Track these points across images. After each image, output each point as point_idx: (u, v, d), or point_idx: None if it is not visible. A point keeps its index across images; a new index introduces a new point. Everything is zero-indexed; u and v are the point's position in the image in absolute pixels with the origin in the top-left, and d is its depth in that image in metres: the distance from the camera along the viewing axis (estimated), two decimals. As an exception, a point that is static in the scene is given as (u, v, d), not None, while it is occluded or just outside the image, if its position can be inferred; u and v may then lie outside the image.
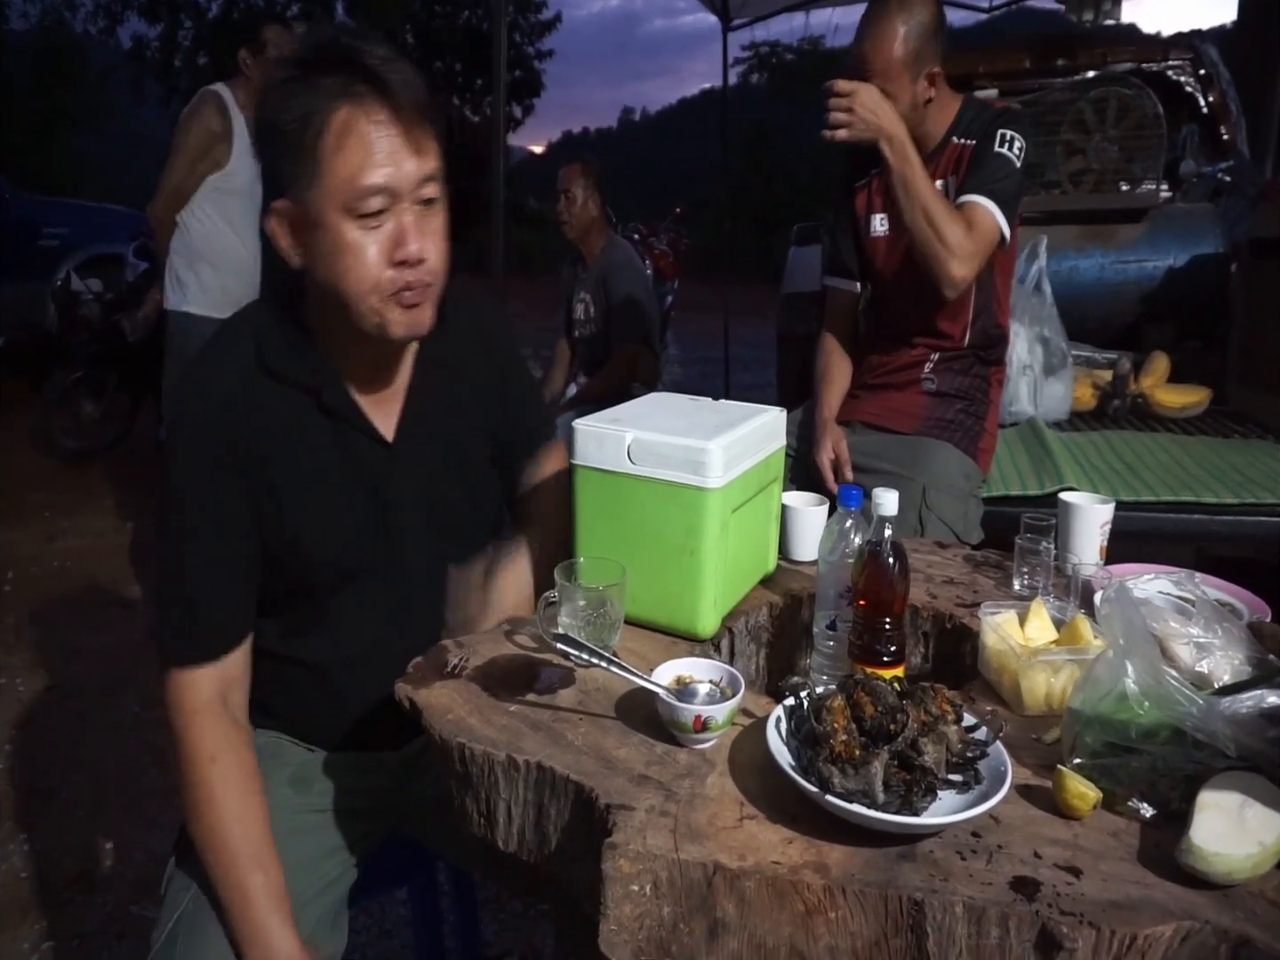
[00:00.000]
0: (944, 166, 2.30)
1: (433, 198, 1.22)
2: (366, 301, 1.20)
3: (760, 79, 24.74)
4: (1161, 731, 0.98)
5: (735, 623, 1.42)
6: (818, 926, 0.86)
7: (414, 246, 1.19)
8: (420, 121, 1.18)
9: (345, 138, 1.14)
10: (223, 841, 1.20)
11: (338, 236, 1.17)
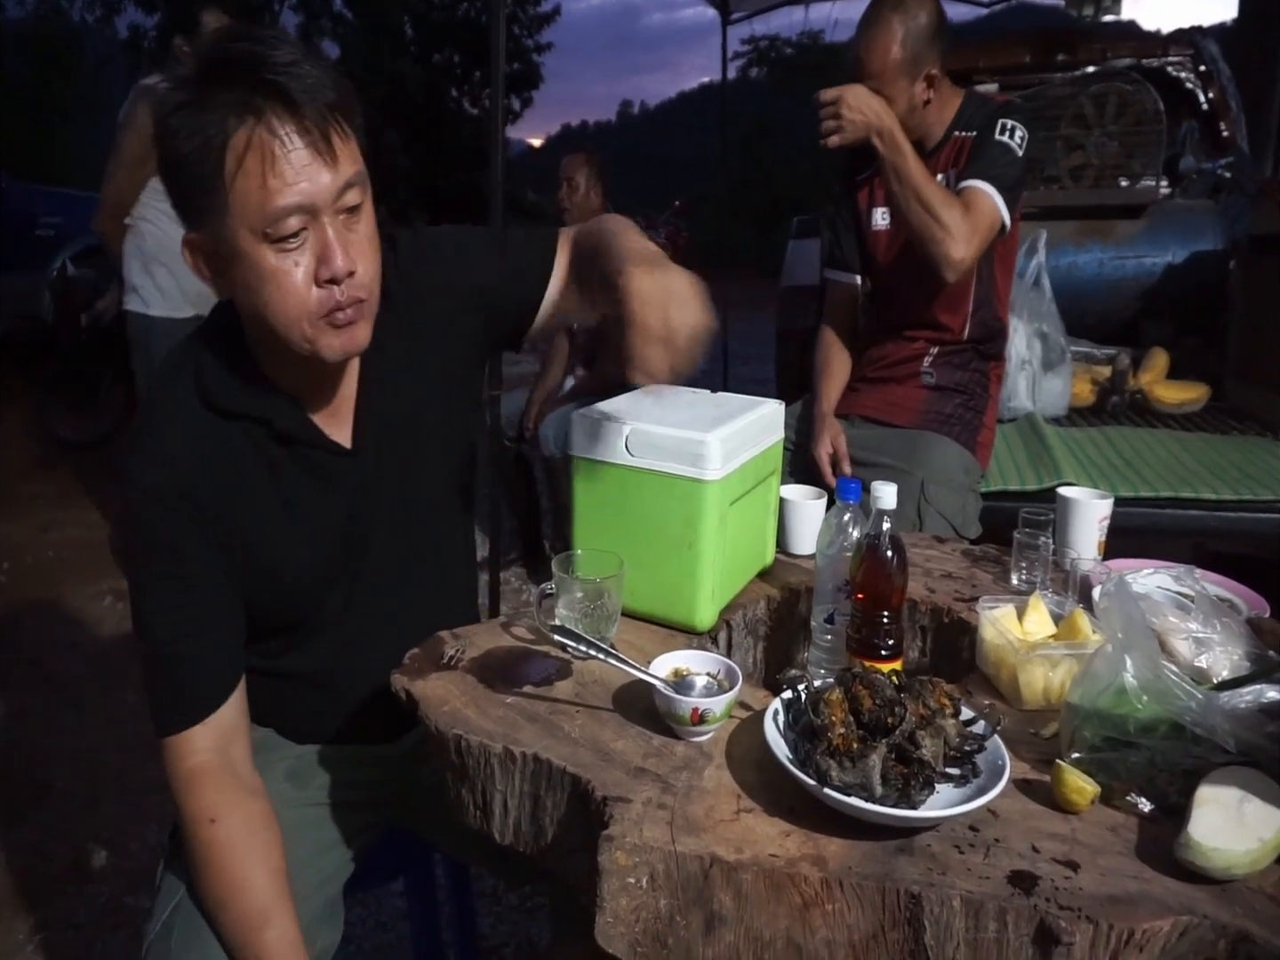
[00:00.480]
0: (945, 160, 2.30)
1: (356, 204, 1.12)
2: (297, 329, 1.12)
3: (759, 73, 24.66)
4: (1160, 726, 0.97)
5: (733, 616, 1.41)
6: (815, 919, 0.86)
7: (340, 262, 1.09)
8: (333, 126, 1.07)
9: (250, 159, 1.04)
10: (227, 903, 1.17)
11: (256, 265, 1.08)
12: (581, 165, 3.97)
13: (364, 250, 1.14)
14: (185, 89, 1.06)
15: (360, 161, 1.12)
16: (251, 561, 1.24)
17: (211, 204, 1.07)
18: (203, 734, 1.21)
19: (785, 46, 23.20)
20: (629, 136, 78.39)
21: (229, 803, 1.19)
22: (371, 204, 1.16)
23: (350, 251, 1.11)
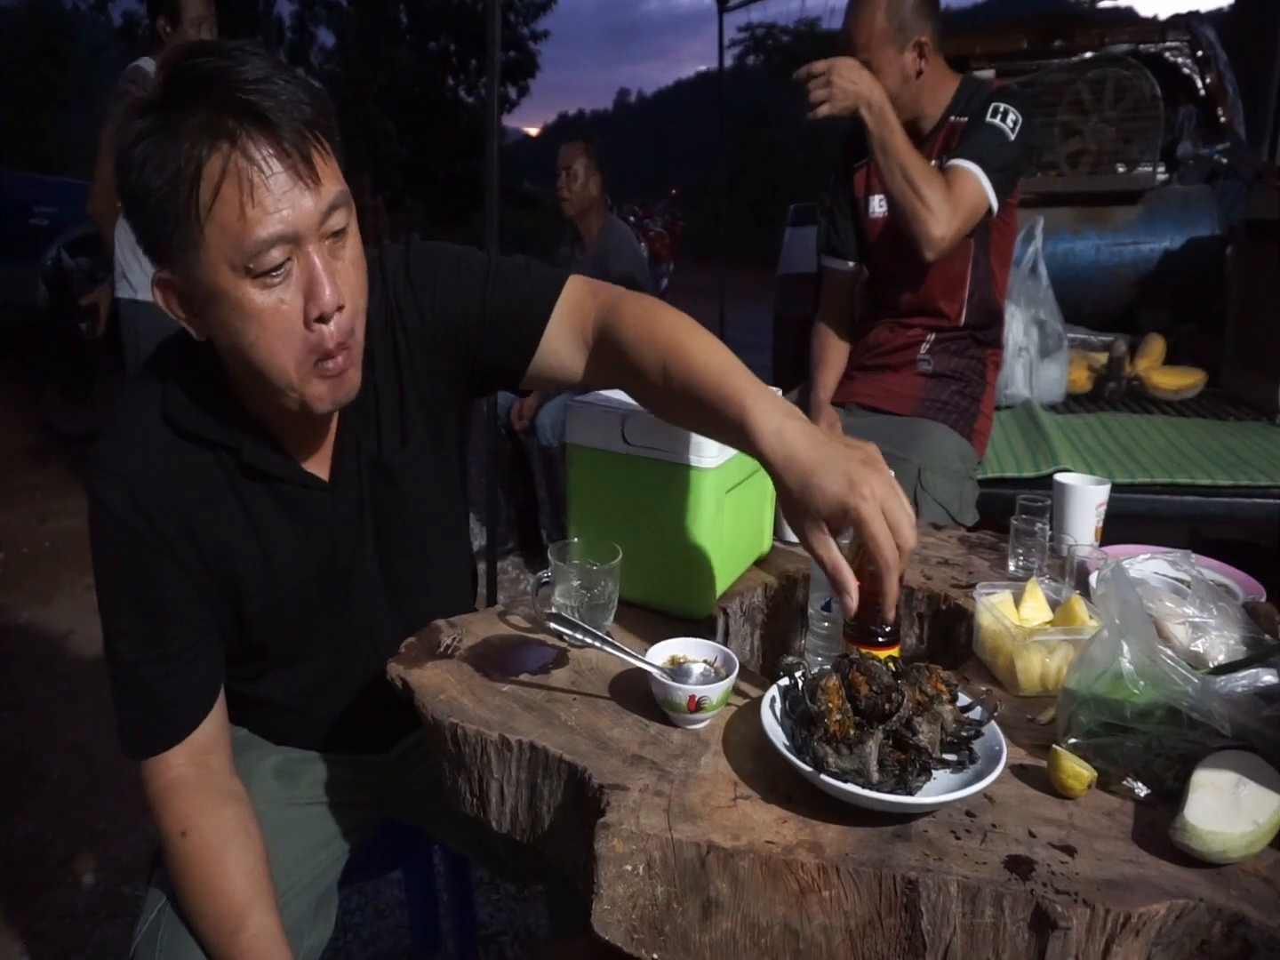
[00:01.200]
0: (940, 145, 2.29)
1: (341, 227, 1.04)
2: (285, 376, 1.03)
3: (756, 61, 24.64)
4: (1156, 711, 0.97)
5: (730, 603, 1.41)
6: (811, 906, 0.86)
7: (328, 296, 1.01)
8: (313, 145, 0.99)
9: (226, 188, 0.95)
10: (204, 911, 1.15)
11: (238, 304, 0.99)
12: (580, 154, 3.95)
13: (351, 278, 1.06)
14: (149, 115, 0.96)
15: (342, 180, 1.04)
16: (221, 592, 1.19)
17: (185, 240, 0.97)
18: (178, 753, 1.18)
19: (782, 34, 23.19)
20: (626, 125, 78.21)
21: (200, 813, 1.16)
22: (356, 224, 1.08)
23: (338, 281, 1.03)
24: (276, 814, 1.29)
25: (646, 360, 1.16)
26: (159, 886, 1.22)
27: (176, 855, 1.16)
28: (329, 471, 1.23)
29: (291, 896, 1.25)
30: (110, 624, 1.17)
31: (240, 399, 1.15)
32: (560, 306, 1.24)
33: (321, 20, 19.90)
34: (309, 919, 1.28)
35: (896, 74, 2.19)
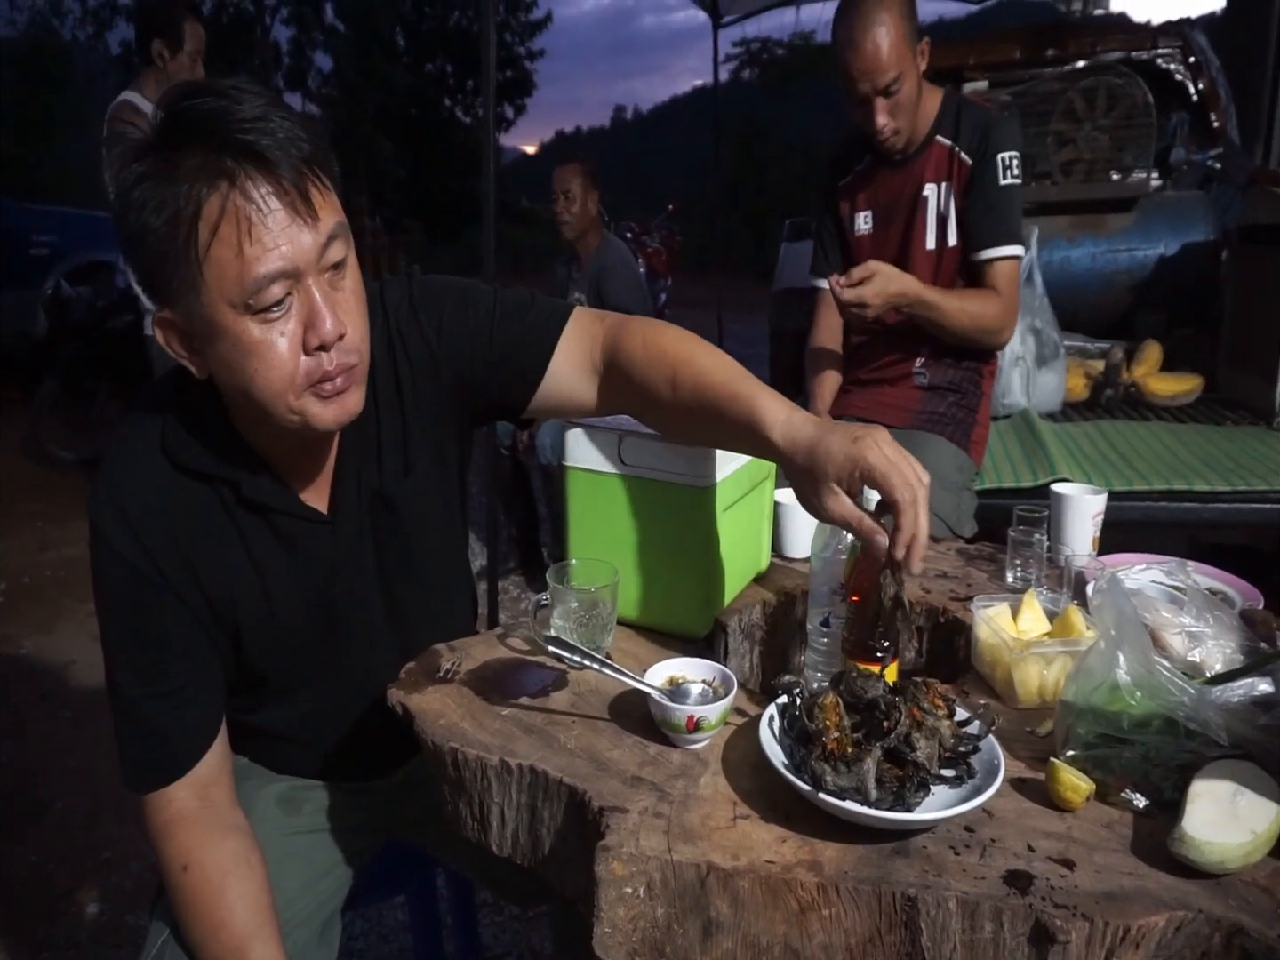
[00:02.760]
0: (933, 170, 2.29)
1: (340, 259, 1.04)
2: (282, 402, 1.03)
3: (752, 75, 24.73)
4: (1154, 721, 0.98)
5: (728, 621, 1.41)
6: (812, 924, 0.86)
7: (329, 327, 1.01)
8: (310, 181, 0.99)
9: (224, 227, 0.95)
10: (205, 945, 1.14)
11: (239, 340, 1.00)
12: (575, 175, 3.96)
13: (352, 308, 1.06)
14: (147, 157, 0.97)
15: (341, 213, 1.05)
16: (220, 625, 1.19)
17: (185, 280, 0.98)
18: (179, 787, 1.18)
19: (777, 48, 23.27)
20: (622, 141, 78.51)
21: (202, 846, 1.16)
22: (355, 254, 1.08)
23: (338, 312, 1.03)
24: (279, 842, 1.29)
25: (655, 374, 1.17)
26: (161, 919, 1.22)
27: (178, 890, 1.15)
28: (328, 504, 1.22)
29: (295, 925, 1.25)
30: (111, 657, 1.17)
31: (239, 432, 1.15)
32: (566, 336, 1.24)
33: (319, 45, 20.03)
34: (313, 946, 1.28)
35: (915, 80, 2.19)
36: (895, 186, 2.34)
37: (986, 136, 2.23)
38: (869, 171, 2.40)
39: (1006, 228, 2.25)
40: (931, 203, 2.30)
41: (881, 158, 2.35)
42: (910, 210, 2.32)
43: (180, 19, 3.36)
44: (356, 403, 1.09)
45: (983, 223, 2.25)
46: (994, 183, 2.23)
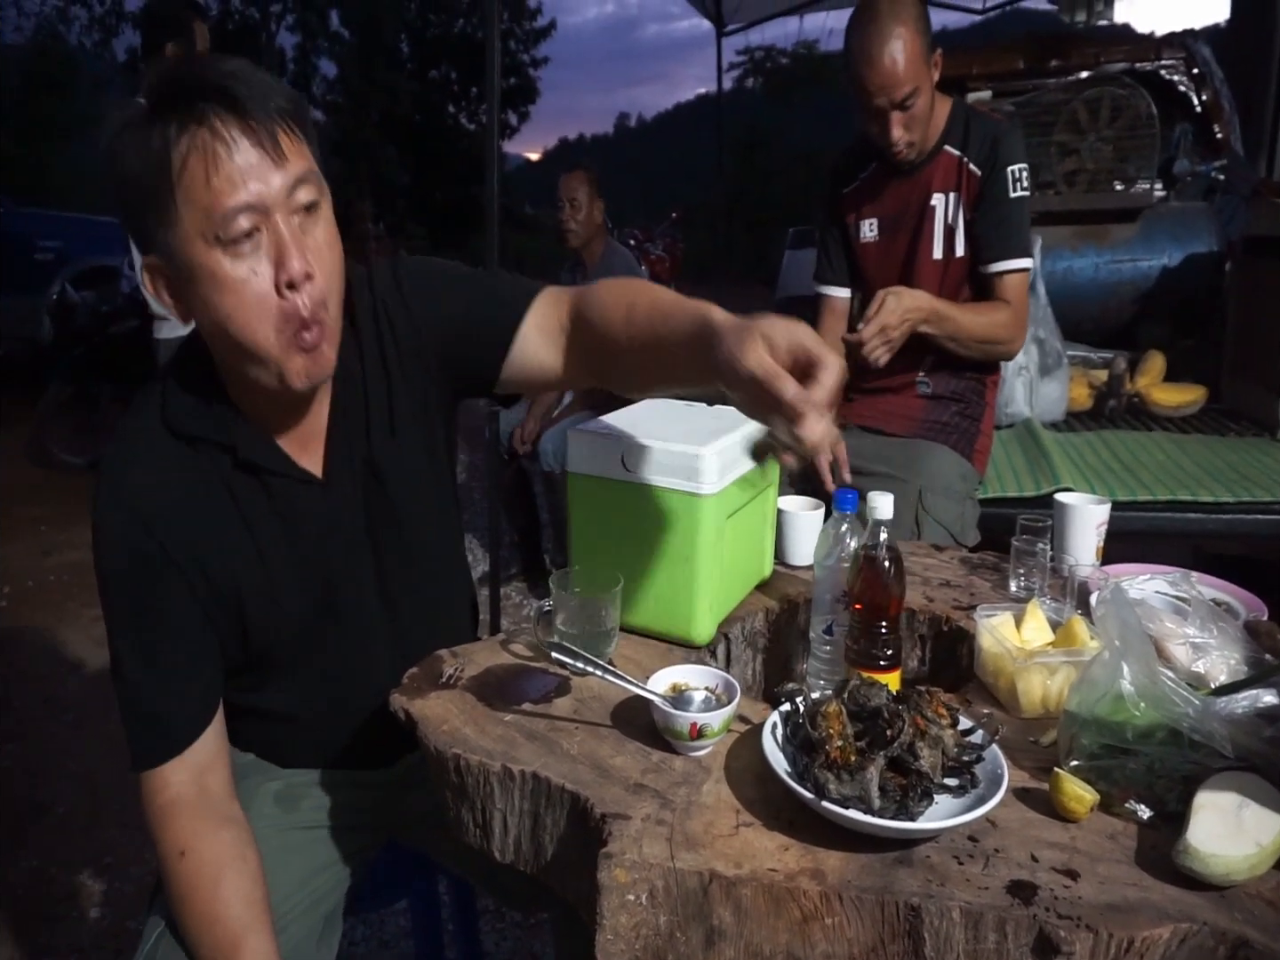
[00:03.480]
0: (940, 179, 2.29)
1: (312, 201, 1.08)
2: (264, 347, 1.07)
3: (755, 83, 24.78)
4: (1158, 732, 0.97)
5: (731, 629, 1.41)
6: (814, 933, 0.86)
7: (296, 263, 1.04)
8: (280, 125, 1.05)
9: (193, 162, 1.01)
10: (200, 935, 1.15)
11: (212, 274, 1.04)
12: (582, 183, 3.98)
13: (323, 255, 1.09)
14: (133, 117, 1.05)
15: (313, 162, 1.09)
16: (219, 598, 1.21)
17: (162, 218, 1.03)
18: (177, 768, 1.19)
19: (780, 56, 23.33)
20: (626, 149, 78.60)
21: (198, 834, 1.17)
22: (331, 212, 1.13)
23: (308, 254, 1.07)
24: (276, 837, 1.30)
25: (614, 313, 1.20)
26: (158, 913, 1.23)
27: (174, 877, 1.16)
28: (321, 468, 1.26)
29: (291, 919, 1.25)
30: (114, 635, 1.21)
31: (234, 399, 1.19)
32: (536, 304, 1.29)
33: (323, 51, 20.08)
34: (311, 943, 1.28)
35: (929, 93, 2.18)
36: (902, 195, 2.34)
37: (996, 148, 2.23)
38: (875, 179, 2.39)
39: (1017, 241, 2.25)
40: (939, 213, 2.30)
41: (888, 166, 2.35)
42: (917, 220, 2.32)
43: (190, 21, 3.35)
44: (330, 360, 1.13)
45: (993, 235, 2.25)
46: (1004, 195, 2.23)
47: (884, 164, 2.36)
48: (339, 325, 1.14)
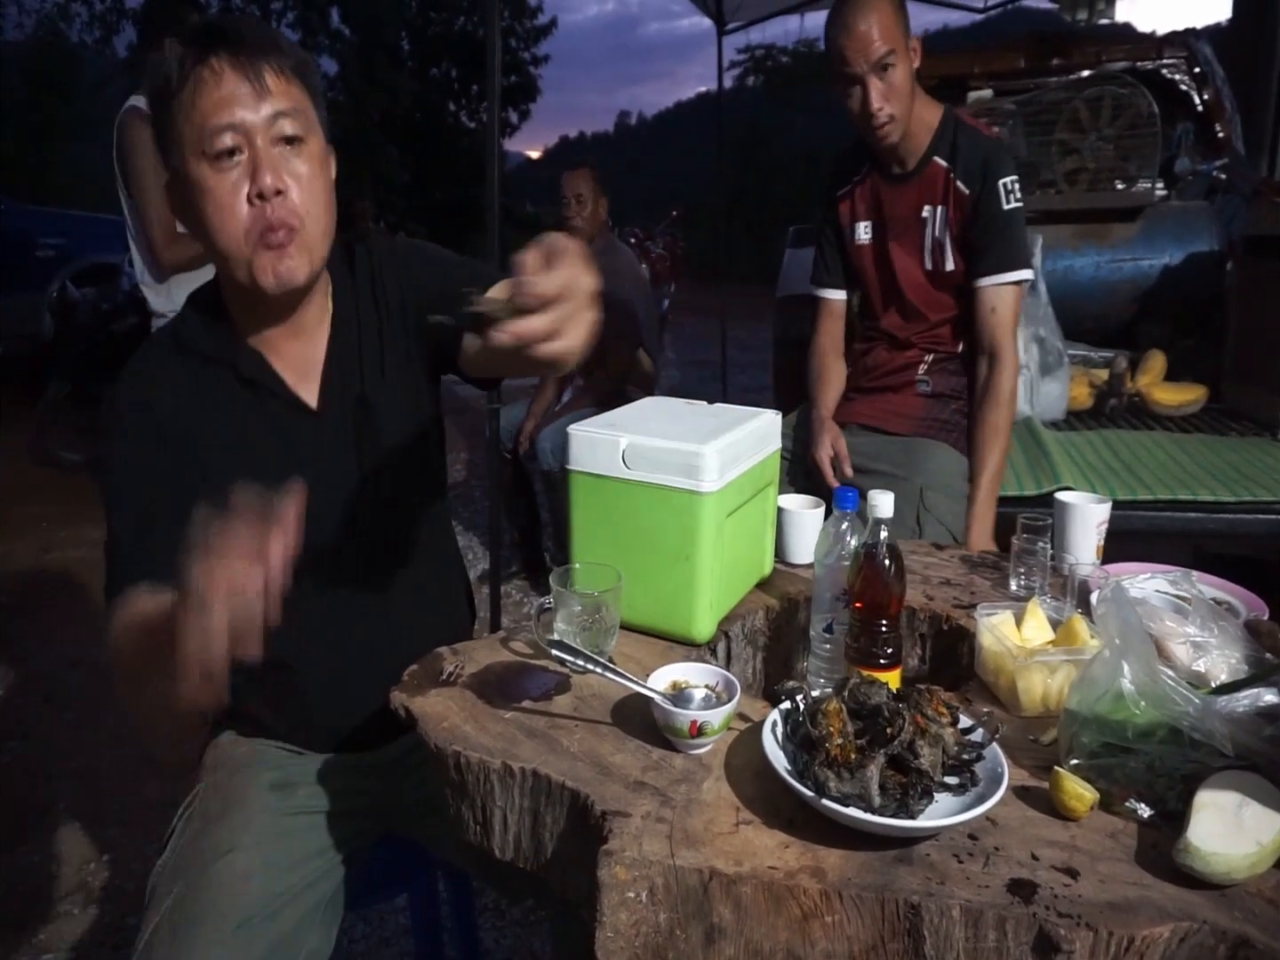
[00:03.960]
0: (928, 192, 2.29)
1: (294, 135, 1.23)
2: (234, 248, 1.21)
3: (756, 81, 24.77)
4: (1158, 731, 0.97)
5: (731, 627, 1.41)
6: (814, 931, 0.86)
7: (268, 179, 1.19)
8: (268, 65, 1.20)
9: (191, 90, 1.18)
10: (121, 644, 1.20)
11: (201, 185, 1.20)
12: (588, 179, 3.99)
13: (302, 182, 1.22)
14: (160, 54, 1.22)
15: (305, 105, 1.25)
16: (207, 488, 1.26)
17: (172, 137, 1.20)
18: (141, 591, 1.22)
19: (781, 55, 23.31)
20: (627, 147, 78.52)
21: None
22: (322, 154, 1.27)
23: (282, 174, 1.20)
24: (273, 822, 1.32)
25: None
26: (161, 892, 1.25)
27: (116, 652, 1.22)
28: (317, 401, 1.36)
29: (286, 901, 1.27)
30: (109, 492, 1.31)
31: (239, 325, 1.33)
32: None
33: (324, 49, 20.05)
34: (309, 926, 1.29)
35: (908, 70, 2.18)
36: (894, 202, 2.34)
37: (985, 165, 2.22)
38: (868, 183, 2.40)
39: (1012, 252, 2.24)
40: (928, 225, 2.30)
41: (881, 170, 2.35)
42: (908, 228, 2.33)
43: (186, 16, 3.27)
44: (298, 269, 1.24)
45: (988, 250, 2.24)
46: (999, 209, 2.22)
47: (876, 168, 2.37)
48: (317, 247, 1.26)
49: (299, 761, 1.44)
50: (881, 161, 2.34)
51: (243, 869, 1.26)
